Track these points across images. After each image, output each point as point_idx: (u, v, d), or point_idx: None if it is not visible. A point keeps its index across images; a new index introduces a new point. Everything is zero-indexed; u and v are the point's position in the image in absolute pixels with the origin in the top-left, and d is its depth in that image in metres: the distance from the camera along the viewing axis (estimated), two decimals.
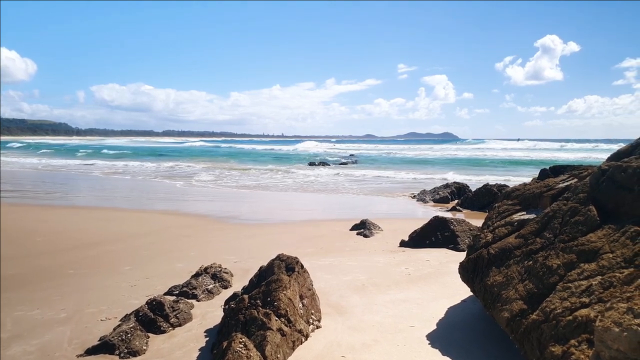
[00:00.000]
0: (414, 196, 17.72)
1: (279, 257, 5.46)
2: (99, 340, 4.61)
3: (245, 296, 4.69)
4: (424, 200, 16.54)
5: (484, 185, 15.27)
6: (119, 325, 4.90)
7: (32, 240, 9.45)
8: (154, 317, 5.02)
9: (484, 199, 14.54)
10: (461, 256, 6.09)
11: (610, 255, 3.26)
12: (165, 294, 6.05)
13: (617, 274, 3.08)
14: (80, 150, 65.01)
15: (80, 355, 4.43)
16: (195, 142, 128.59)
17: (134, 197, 17.93)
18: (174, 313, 5.18)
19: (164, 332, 4.95)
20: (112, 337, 4.54)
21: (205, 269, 6.66)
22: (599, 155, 44.91)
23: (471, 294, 5.21)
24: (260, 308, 4.41)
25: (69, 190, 19.56)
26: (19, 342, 4.74)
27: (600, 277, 3.17)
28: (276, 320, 4.32)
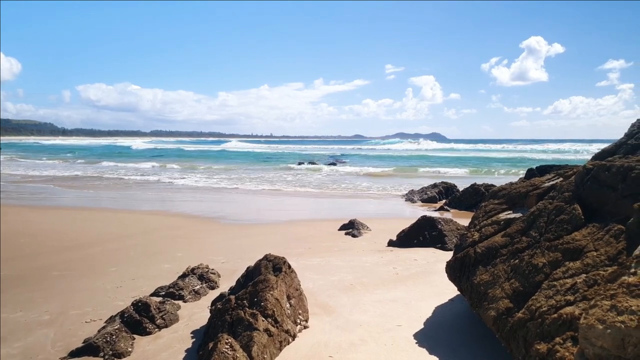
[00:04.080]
0: (403, 196, 17.79)
1: (266, 257, 5.42)
2: (83, 342, 4.53)
3: (232, 297, 4.65)
4: (412, 200, 16.61)
5: (471, 185, 15.35)
6: (103, 327, 4.83)
7: (16, 241, 9.27)
8: (140, 318, 4.95)
9: (471, 198, 14.63)
10: (448, 255, 6.12)
11: (595, 254, 3.29)
12: (152, 295, 5.98)
13: (601, 272, 3.11)
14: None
15: (64, 358, 4.35)
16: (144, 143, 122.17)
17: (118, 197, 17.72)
18: (160, 314, 5.12)
19: (149, 333, 4.89)
20: (97, 339, 4.46)
21: (192, 269, 6.60)
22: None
23: (458, 293, 5.23)
24: (247, 309, 4.38)
25: None
26: (2, 344, 4.64)
27: (585, 275, 3.20)
28: (263, 320, 4.29)
